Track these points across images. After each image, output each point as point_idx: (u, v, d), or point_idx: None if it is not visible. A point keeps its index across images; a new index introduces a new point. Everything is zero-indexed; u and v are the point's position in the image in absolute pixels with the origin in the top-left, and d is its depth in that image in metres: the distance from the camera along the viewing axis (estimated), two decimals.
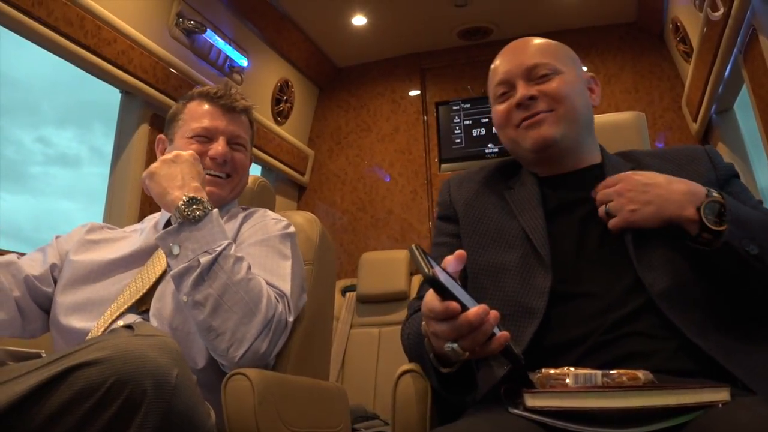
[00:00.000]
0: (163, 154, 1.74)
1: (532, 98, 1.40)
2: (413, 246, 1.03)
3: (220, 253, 1.39)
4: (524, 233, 1.36)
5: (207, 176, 1.66)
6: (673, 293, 1.20)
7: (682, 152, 1.43)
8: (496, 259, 1.37)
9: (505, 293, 1.31)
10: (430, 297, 1.05)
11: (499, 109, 1.47)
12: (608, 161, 1.44)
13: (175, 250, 1.39)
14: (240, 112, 1.75)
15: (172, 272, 1.39)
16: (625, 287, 1.25)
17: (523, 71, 1.43)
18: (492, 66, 1.53)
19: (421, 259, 1.00)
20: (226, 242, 1.42)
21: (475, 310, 1.01)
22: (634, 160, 1.44)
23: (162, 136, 1.77)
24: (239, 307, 1.36)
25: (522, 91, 1.41)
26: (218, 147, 1.67)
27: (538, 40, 1.50)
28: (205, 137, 1.69)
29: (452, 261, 1.09)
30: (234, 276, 1.38)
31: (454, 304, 1.00)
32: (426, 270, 0.98)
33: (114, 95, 2.96)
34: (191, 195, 1.43)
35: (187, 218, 1.40)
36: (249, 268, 1.43)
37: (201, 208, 1.42)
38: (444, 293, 1.00)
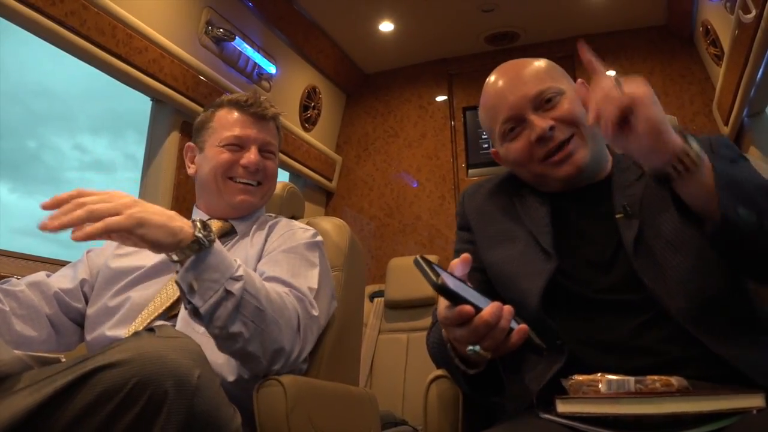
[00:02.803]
0: (192, 162, 1.76)
1: (551, 129, 1.33)
2: (417, 257, 1.03)
3: (242, 276, 1.29)
4: (528, 232, 1.36)
5: (239, 184, 1.68)
6: (692, 308, 1.18)
7: None
8: (501, 254, 1.38)
9: (512, 280, 1.32)
10: (442, 305, 1.05)
11: (514, 147, 1.38)
12: (617, 172, 1.39)
13: (195, 285, 1.23)
14: (269, 120, 1.75)
15: (201, 309, 1.23)
16: (637, 298, 1.23)
17: (529, 101, 1.35)
18: (485, 102, 1.44)
19: (427, 269, 1.00)
20: (238, 262, 1.31)
21: (488, 309, 1.01)
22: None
23: (191, 144, 1.78)
24: (272, 326, 1.33)
25: (539, 123, 1.33)
26: (250, 155, 1.67)
27: (528, 66, 1.41)
28: (237, 145, 1.69)
29: (458, 265, 1.09)
30: (259, 294, 1.31)
31: (466, 308, 1.00)
32: (433, 278, 0.99)
33: (145, 104, 3.01)
34: (196, 220, 1.26)
35: (207, 243, 1.23)
36: (260, 280, 1.37)
37: (211, 230, 1.26)
38: (455, 299, 1.01)
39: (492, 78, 1.44)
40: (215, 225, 1.69)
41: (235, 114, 1.72)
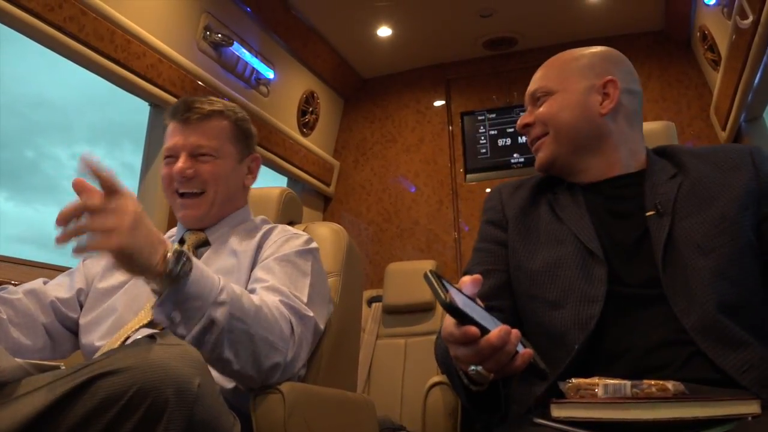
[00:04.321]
0: None
1: (527, 126, 1.50)
2: (427, 272, 1.00)
3: (226, 301, 1.23)
4: (572, 233, 1.36)
5: (181, 199, 1.63)
6: (706, 316, 1.18)
7: (726, 156, 1.38)
8: (549, 256, 1.36)
9: (564, 283, 1.31)
10: (448, 322, 1.03)
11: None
12: (651, 167, 1.41)
13: (176, 317, 1.18)
14: (201, 120, 1.64)
15: (187, 338, 1.18)
16: (653, 294, 1.24)
17: (530, 96, 1.51)
18: None
19: (436, 286, 0.98)
20: (221, 283, 1.25)
21: (496, 332, 0.99)
22: (677, 164, 1.40)
23: None
24: (264, 345, 1.30)
25: (521, 118, 1.52)
26: (177, 164, 1.60)
27: (543, 65, 1.53)
28: (171, 156, 1.64)
29: (468, 284, 1.07)
30: (247, 316, 1.27)
31: (472, 329, 0.98)
32: (442, 296, 0.96)
33: (141, 114, 3.01)
34: (168, 251, 1.15)
35: (178, 274, 1.15)
36: (248, 296, 1.32)
37: (187, 258, 1.17)
38: (462, 318, 0.98)
39: None
40: (192, 238, 1.67)
41: (171, 124, 1.67)
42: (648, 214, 1.32)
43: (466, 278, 1.08)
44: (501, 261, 1.44)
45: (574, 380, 1.07)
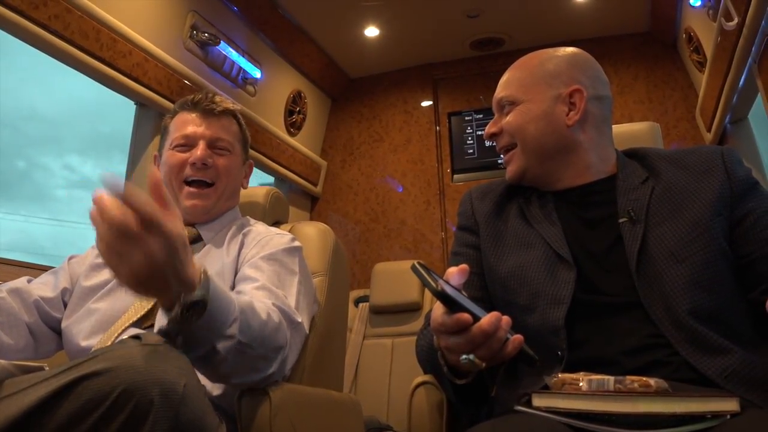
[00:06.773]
0: (159, 170, 1.73)
1: (493, 135, 1.51)
2: (415, 263, 1.03)
3: (235, 335, 1.15)
4: (542, 238, 1.37)
5: (190, 188, 1.65)
6: (681, 323, 1.20)
7: (698, 159, 1.38)
8: (518, 259, 1.38)
9: (533, 287, 1.32)
10: (438, 312, 1.04)
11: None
12: (622, 172, 1.41)
13: (179, 341, 1.07)
14: (220, 115, 1.71)
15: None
16: (630, 301, 1.25)
17: (497, 103, 1.51)
18: None
19: (426, 276, 1.00)
20: (234, 312, 1.15)
21: (487, 318, 1.00)
22: (647, 167, 1.41)
23: (156, 153, 1.77)
24: (262, 362, 1.28)
25: (488, 127, 1.52)
26: (197, 152, 1.64)
27: (510, 70, 1.53)
28: (186, 145, 1.67)
29: (455, 274, 1.08)
30: (254, 340, 1.21)
31: (465, 316, 1.00)
32: (432, 285, 0.98)
33: (128, 126, 3.01)
34: (189, 300, 1.03)
35: (187, 320, 1.05)
36: (257, 314, 1.25)
37: (201, 299, 1.05)
38: (453, 306, 1.00)
39: None
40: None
41: (186, 115, 1.71)
42: (620, 220, 1.32)
43: (453, 269, 1.08)
44: (478, 265, 1.46)
45: (560, 375, 1.08)
